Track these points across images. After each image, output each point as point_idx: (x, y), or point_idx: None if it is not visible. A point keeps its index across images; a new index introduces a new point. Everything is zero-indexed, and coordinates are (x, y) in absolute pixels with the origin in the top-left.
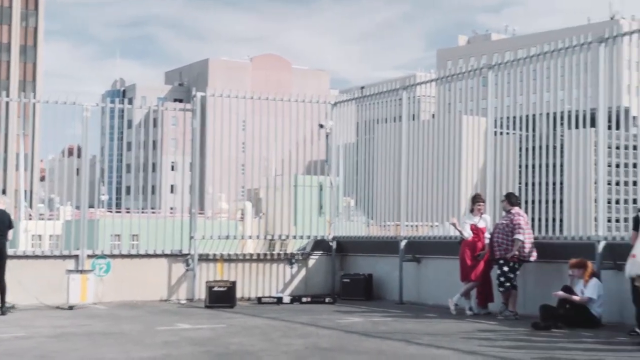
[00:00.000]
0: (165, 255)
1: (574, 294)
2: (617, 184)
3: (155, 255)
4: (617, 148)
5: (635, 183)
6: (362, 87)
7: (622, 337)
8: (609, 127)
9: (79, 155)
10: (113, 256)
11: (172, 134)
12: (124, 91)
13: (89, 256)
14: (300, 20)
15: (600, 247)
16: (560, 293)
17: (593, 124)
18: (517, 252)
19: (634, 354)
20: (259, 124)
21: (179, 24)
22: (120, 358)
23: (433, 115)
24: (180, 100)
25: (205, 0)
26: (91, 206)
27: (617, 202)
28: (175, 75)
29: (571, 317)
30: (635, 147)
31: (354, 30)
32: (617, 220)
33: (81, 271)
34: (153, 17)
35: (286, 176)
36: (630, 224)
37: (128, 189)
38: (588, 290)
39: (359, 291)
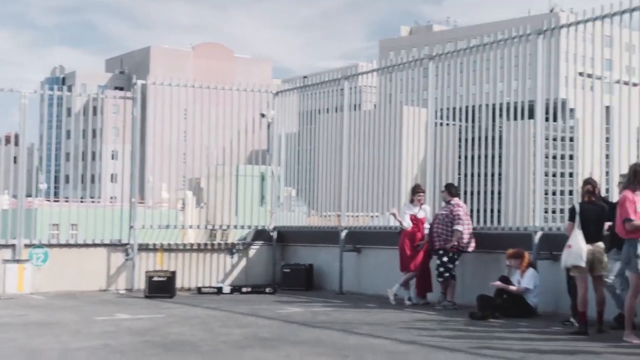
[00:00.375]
0: (105, 245)
1: (511, 284)
2: (554, 175)
3: (94, 245)
4: (554, 140)
5: (571, 174)
6: (305, 77)
7: (557, 326)
8: (547, 119)
9: (16, 144)
10: (51, 246)
11: (113, 122)
12: (63, 78)
13: (27, 245)
14: (242, 8)
15: (537, 237)
16: (498, 283)
17: (532, 115)
18: (456, 243)
19: (568, 343)
20: (200, 113)
21: (119, 10)
22: (57, 348)
23: (375, 106)
24: (122, 88)
25: None
26: (29, 195)
27: (554, 193)
28: (116, 63)
29: (508, 307)
30: (571, 139)
31: (297, 19)
32: (554, 211)
33: (18, 261)
34: (93, 3)
35: (227, 166)
36: (566, 214)
37: (67, 177)
38: (525, 280)
39: (299, 281)
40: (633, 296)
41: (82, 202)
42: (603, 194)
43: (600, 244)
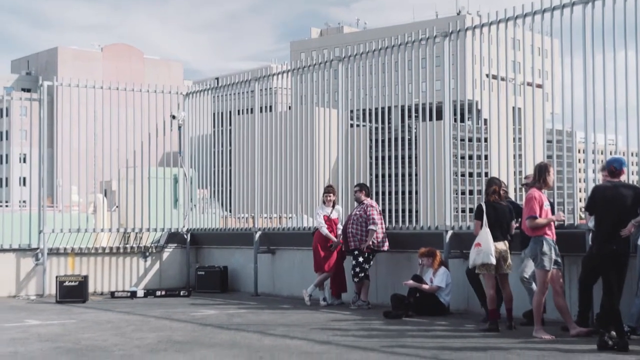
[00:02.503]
0: (13, 250)
1: (424, 282)
2: (462, 175)
3: (2, 250)
4: (462, 140)
5: (479, 174)
6: (217, 78)
7: (470, 324)
8: (455, 120)
9: None
10: None
11: (22, 124)
12: None
13: None
14: (143, 8)
15: (448, 236)
16: (411, 282)
17: (441, 116)
18: (371, 243)
19: (480, 340)
20: (109, 115)
21: (17, 10)
22: None
23: (290, 108)
24: (29, 90)
25: None
26: None
27: (463, 192)
28: (22, 64)
29: (421, 305)
30: (479, 139)
31: (202, 20)
32: (463, 211)
33: None
34: None
35: (139, 168)
36: (474, 213)
37: None
38: (437, 279)
39: (214, 284)
40: (540, 292)
41: None
42: (511, 193)
43: (505, 243)
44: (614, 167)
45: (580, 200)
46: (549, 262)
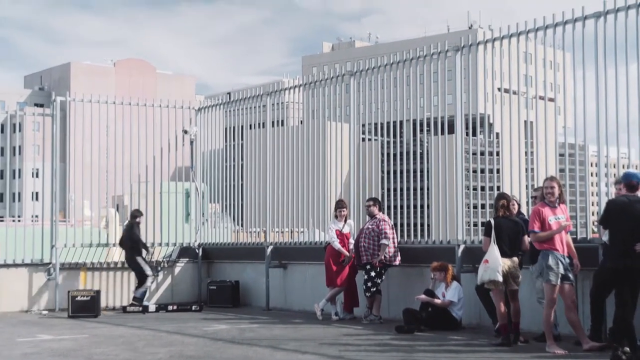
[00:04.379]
0: (26, 265)
1: (436, 297)
2: (475, 189)
3: (15, 265)
4: (474, 154)
5: (492, 188)
6: (229, 93)
7: (482, 338)
8: (467, 134)
9: None
10: None
11: (34, 139)
12: None
13: None
14: (156, 23)
15: (460, 251)
16: (423, 297)
17: (452, 130)
18: (383, 257)
19: (492, 355)
20: (122, 130)
21: (34, 26)
22: None
23: (301, 122)
24: (41, 105)
25: (59, 3)
26: None
27: (475, 207)
28: (35, 79)
29: (433, 320)
30: (491, 153)
31: (213, 35)
32: (475, 225)
33: None
34: (5, 19)
35: (151, 183)
36: (483, 230)
37: None
38: (449, 293)
39: (226, 298)
40: (548, 307)
41: (1, 220)
42: (524, 207)
43: (515, 259)
44: (634, 182)
45: (592, 214)
46: (555, 276)
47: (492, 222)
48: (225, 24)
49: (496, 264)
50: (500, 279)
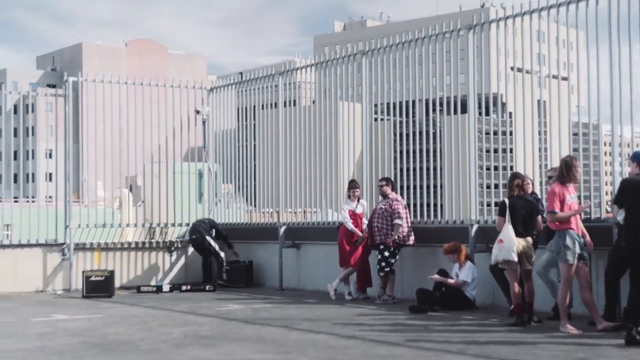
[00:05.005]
0: (40, 245)
1: (449, 277)
2: (488, 168)
3: (29, 245)
4: (487, 134)
5: (505, 168)
6: (241, 73)
7: (495, 318)
8: (480, 113)
9: None
10: None
11: (47, 120)
12: None
13: None
14: (167, 3)
15: (473, 230)
16: (436, 277)
17: (465, 110)
18: (397, 237)
19: (506, 335)
20: (134, 110)
21: (43, 7)
22: None
23: (314, 102)
24: (54, 86)
25: None
26: None
27: (488, 186)
28: (47, 60)
29: (447, 300)
30: (504, 133)
31: (222, 15)
32: (489, 205)
33: None
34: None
35: (164, 163)
36: (497, 209)
37: (0, 177)
38: (463, 273)
39: (239, 278)
40: (565, 287)
41: (16, 201)
42: (537, 187)
43: (529, 239)
44: None
45: (606, 194)
46: (573, 255)
47: (507, 201)
48: (235, 3)
49: (511, 243)
50: (515, 258)
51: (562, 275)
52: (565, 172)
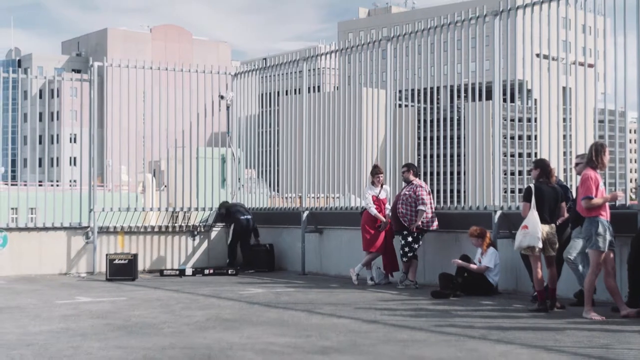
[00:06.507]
0: (64, 228)
1: (472, 262)
2: (512, 155)
3: (54, 228)
4: (512, 121)
5: (529, 155)
6: (264, 59)
7: (518, 304)
8: (504, 100)
9: None
10: (10, 229)
11: (72, 105)
12: (19, 61)
13: None
14: None
15: (497, 217)
16: (459, 261)
17: (490, 96)
18: (420, 223)
19: (529, 320)
20: (158, 95)
21: None
22: (17, 332)
23: (337, 88)
24: (79, 71)
25: None
26: None
27: (512, 173)
28: (72, 45)
29: (469, 285)
30: (529, 120)
31: (247, 1)
32: (512, 191)
33: None
34: None
35: (188, 148)
36: (522, 194)
37: (25, 161)
38: (485, 259)
39: (261, 262)
40: (593, 273)
41: (40, 185)
42: (561, 174)
43: (553, 226)
44: None
45: (631, 181)
46: (604, 243)
47: (532, 187)
48: None
49: (536, 229)
50: (541, 245)
51: (592, 262)
52: (594, 158)
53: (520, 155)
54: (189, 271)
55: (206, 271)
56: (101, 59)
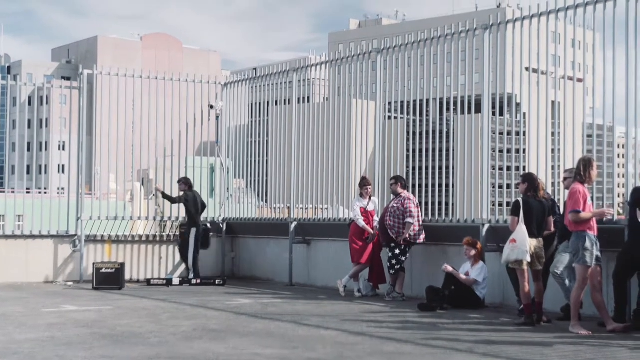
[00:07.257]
0: (51, 236)
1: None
2: (501, 169)
3: (41, 236)
4: (501, 134)
5: (517, 168)
6: (255, 69)
7: (505, 317)
8: (494, 114)
9: None
10: None
11: (61, 112)
12: (9, 67)
13: None
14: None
15: (484, 230)
16: (450, 267)
17: (479, 109)
18: (408, 236)
19: (516, 334)
20: (148, 104)
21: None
22: (3, 341)
23: (326, 99)
24: (69, 79)
25: None
26: None
27: (500, 186)
28: (62, 53)
29: (456, 298)
30: (517, 133)
31: (236, 11)
32: (500, 204)
33: None
34: None
35: (176, 157)
36: (510, 208)
37: (13, 168)
38: (474, 272)
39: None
40: (579, 288)
41: (28, 192)
42: (549, 188)
43: (541, 240)
44: None
45: (618, 196)
46: (591, 257)
47: (520, 201)
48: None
49: (525, 243)
50: (529, 259)
51: (578, 277)
52: (582, 172)
53: (509, 168)
54: (176, 281)
55: (193, 281)
56: (91, 66)
